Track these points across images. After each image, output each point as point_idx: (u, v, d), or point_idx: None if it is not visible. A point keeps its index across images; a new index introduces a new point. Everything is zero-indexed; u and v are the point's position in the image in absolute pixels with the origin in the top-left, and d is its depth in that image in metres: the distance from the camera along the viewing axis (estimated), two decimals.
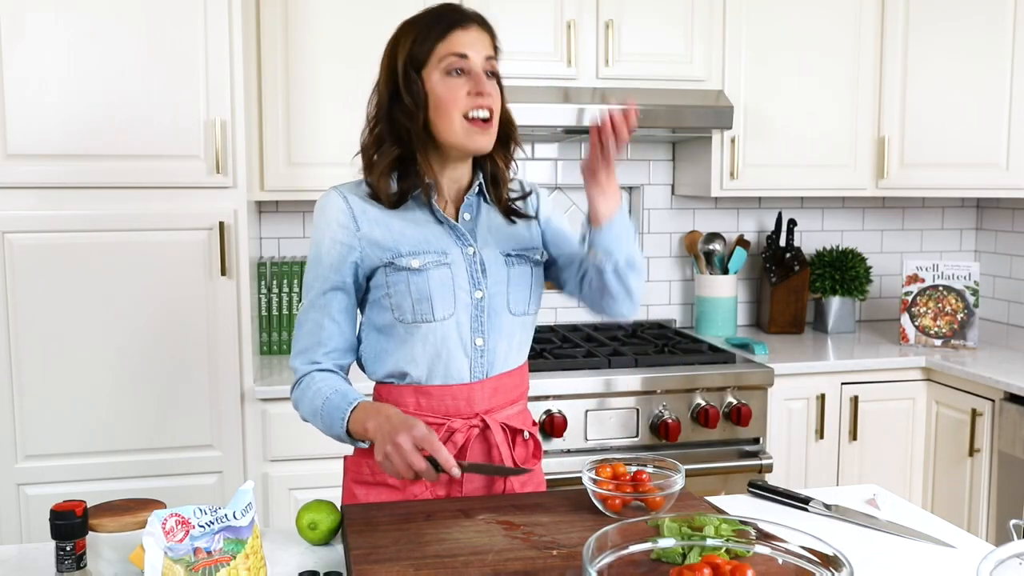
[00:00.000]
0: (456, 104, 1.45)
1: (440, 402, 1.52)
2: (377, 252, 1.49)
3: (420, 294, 1.47)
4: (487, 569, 1.18)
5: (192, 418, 2.41)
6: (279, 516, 2.47)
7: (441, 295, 1.48)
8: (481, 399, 1.53)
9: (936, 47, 2.99)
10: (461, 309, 1.50)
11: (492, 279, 1.53)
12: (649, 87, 2.86)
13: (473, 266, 1.52)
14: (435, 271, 1.48)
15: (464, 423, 1.52)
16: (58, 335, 2.32)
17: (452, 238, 1.52)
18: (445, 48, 1.46)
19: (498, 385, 1.55)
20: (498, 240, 1.57)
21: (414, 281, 1.47)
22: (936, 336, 3.03)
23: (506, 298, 1.54)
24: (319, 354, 1.51)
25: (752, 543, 1.10)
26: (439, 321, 1.48)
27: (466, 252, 1.52)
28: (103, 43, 2.28)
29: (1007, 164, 2.95)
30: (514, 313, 1.55)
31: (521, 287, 1.56)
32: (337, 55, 2.65)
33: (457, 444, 1.51)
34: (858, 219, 3.51)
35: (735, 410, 2.61)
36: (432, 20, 1.49)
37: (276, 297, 2.83)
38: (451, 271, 1.49)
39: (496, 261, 1.54)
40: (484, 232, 1.56)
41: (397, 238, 1.49)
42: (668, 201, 3.34)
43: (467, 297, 1.50)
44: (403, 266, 1.48)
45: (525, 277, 1.57)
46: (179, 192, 2.36)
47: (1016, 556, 0.95)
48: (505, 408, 1.57)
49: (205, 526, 1.06)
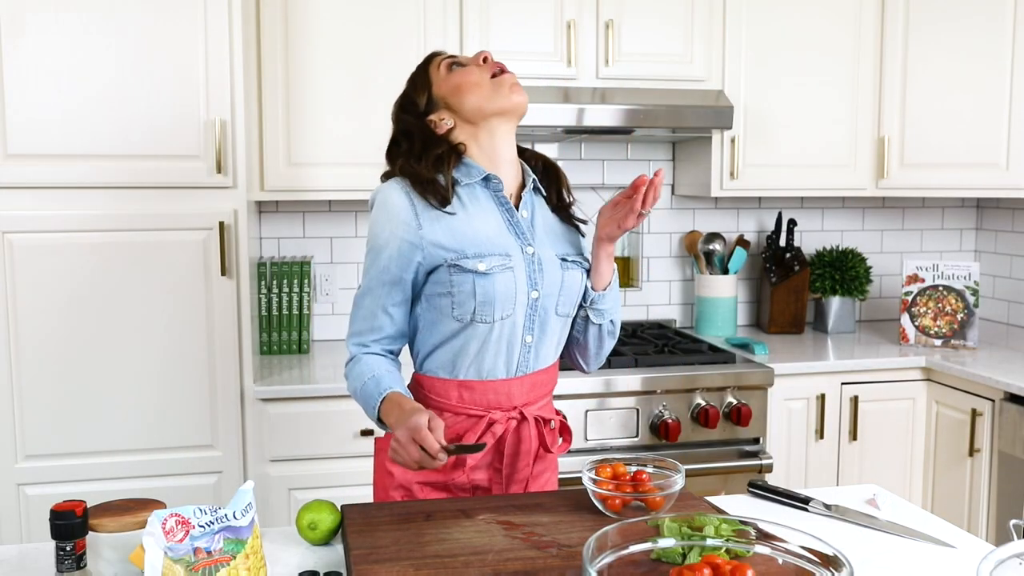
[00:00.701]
0: (471, 74, 1.54)
1: (483, 396, 1.56)
2: (440, 252, 1.50)
3: (485, 297, 1.49)
4: (487, 569, 1.18)
5: (192, 418, 2.41)
6: (279, 516, 2.47)
7: (504, 298, 1.50)
8: (520, 394, 1.58)
9: (936, 47, 2.99)
10: (519, 310, 1.53)
11: (547, 280, 1.56)
12: (649, 87, 2.86)
13: (532, 266, 1.55)
14: (501, 275, 1.50)
15: (504, 415, 1.57)
16: (58, 335, 2.32)
17: (513, 235, 1.55)
18: (438, 61, 1.58)
19: (536, 381, 1.60)
20: (553, 241, 1.60)
21: (480, 283, 1.49)
22: (936, 336, 3.03)
23: (556, 300, 1.57)
24: (369, 339, 1.57)
25: (752, 543, 1.10)
26: (498, 322, 1.52)
27: (526, 251, 1.55)
28: (103, 43, 2.28)
29: (1007, 164, 2.95)
30: (559, 315, 1.59)
31: (571, 291, 1.59)
32: (337, 55, 2.65)
33: (496, 434, 1.56)
34: (858, 219, 3.51)
35: (735, 410, 2.61)
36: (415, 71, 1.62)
37: (276, 297, 2.83)
38: (514, 275, 1.52)
39: (552, 263, 1.57)
40: (540, 231, 1.59)
41: (460, 238, 1.51)
42: (668, 201, 3.34)
43: (525, 298, 1.54)
44: (469, 268, 1.49)
45: (576, 282, 1.60)
46: (179, 192, 2.36)
47: (1016, 556, 0.95)
48: (538, 401, 1.62)
49: (205, 526, 1.06)
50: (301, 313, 2.86)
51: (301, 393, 2.47)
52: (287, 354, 2.86)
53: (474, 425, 1.56)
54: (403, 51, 2.67)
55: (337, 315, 3.07)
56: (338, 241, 3.07)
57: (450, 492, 1.58)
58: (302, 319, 2.86)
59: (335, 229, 3.06)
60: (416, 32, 2.68)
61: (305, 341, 2.87)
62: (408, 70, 1.66)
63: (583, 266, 1.62)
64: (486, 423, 1.55)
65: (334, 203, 3.05)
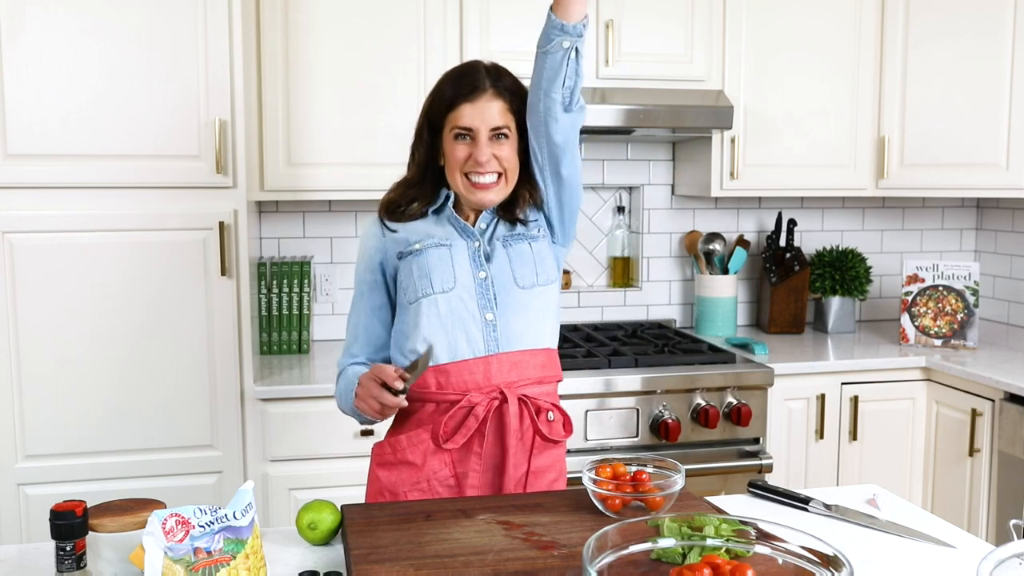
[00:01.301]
0: (456, 165, 1.63)
1: (459, 378, 1.59)
2: (395, 247, 1.67)
3: (420, 271, 1.62)
4: (487, 569, 1.18)
5: (192, 418, 2.41)
6: (279, 516, 2.47)
7: (439, 270, 1.61)
8: (499, 372, 1.60)
9: (936, 47, 2.99)
10: (463, 285, 1.62)
11: (495, 263, 1.65)
12: (649, 87, 2.86)
13: (476, 254, 1.65)
14: (433, 250, 1.63)
15: (484, 396, 1.59)
16: (58, 335, 2.32)
17: (458, 235, 1.67)
18: (452, 119, 1.62)
19: (519, 360, 1.62)
20: (501, 235, 1.69)
21: (415, 261, 1.63)
22: (936, 336, 3.03)
23: (511, 274, 1.64)
24: (355, 348, 1.72)
25: (752, 543, 1.10)
26: (438, 294, 1.61)
27: (471, 244, 1.66)
28: (103, 43, 2.28)
29: (1007, 164, 2.95)
30: (522, 286, 1.64)
31: (523, 262, 1.65)
32: (338, 55, 2.65)
33: (479, 417, 1.58)
34: (858, 219, 3.51)
35: (735, 410, 2.61)
36: (449, 86, 1.64)
37: (276, 297, 2.83)
38: (450, 252, 1.63)
39: (496, 250, 1.67)
40: (492, 236, 1.69)
41: (410, 234, 1.67)
42: (668, 201, 3.34)
43: (469, 277, 1.63)
44: (407, 251, 1.65)
45: (525, 253, 1.66)
46: (179, 192, 2.36)
47: (1016, 556, 0.95)
48: (529, 385, 1.63)
49: (205, 526, 1.06)
50: (301, 313, 2.86)
51: (301, 393, 2.47)
52: (287, 354, 2.86)
53: (454, 410, 1.59)
54: (403, 51, 2.68)
55: (337, 315, 3.07)
56: (338, 241, 3.07)
57: (435, 492, 1.60)
58: (302, 319, 2.86)
59: (335, 229, 3.06)
60: (416, 32, 2.68)
61: (305, 341, 2.87)
62: (408, 70, 1.69)
63: (527, 236, 1.68)
64: (466, 406, 1.58)
65: (334, 203, 3.05)
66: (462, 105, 1.61)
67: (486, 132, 1.61)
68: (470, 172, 1.62)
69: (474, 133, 1.61)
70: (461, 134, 1.62)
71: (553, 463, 1.68)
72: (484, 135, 1.61)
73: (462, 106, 1.61)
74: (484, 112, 1.61)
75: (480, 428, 1.59)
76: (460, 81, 1.63)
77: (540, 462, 1.65)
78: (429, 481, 1.60)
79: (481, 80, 1.62)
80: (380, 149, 2.68)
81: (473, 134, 1.61)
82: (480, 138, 1.61)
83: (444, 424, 1.58)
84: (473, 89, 1.61)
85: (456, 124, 1.62)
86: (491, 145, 1.61)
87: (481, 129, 1.61)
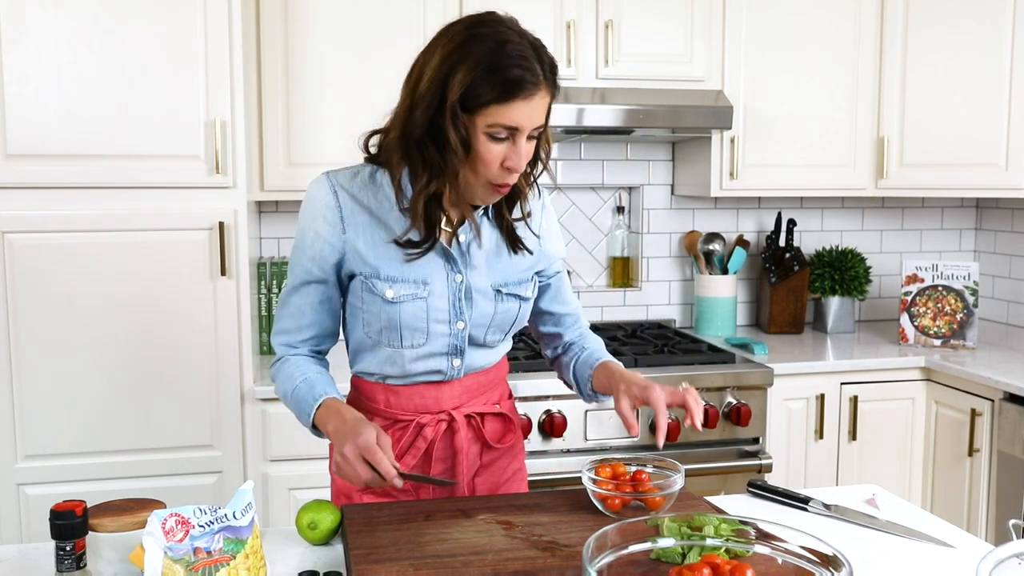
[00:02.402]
0: (489, 169, 1.35)
1: (409, 400, 1.53)
2: (358, 262, 1.45)
3: (390, 323, 1.45)
4: (487, 569, 1.18)
5: (192, 418, 2.41)
6: (279, 516, 2.47)
7: (412, 327, 1.45)
8: (450, 398, 1.54)
9: (936, 47, 2.99)
10: (435, 339, 1.48)
11: (477, 311, 1.49)
12: (649, 87, 2.86)
13: (457, 295, 1.47)
14: (408, 304, 1.44)
15: (432, 418, 1.53)
16: (58, 335, 2.32)
17: (441, 262, 1.46)
18: (500, 115, 1.31)
19: (469, 384, 1.56)
20: (491, 268, 1.50)
21: (386, 310, 1.44)
22: (936, 336, 3.04)
23: (485, 332, 1.52)
24: (297, 339, 1.52)
25: (752, 543, 1.10)
26: (407, 349, 1.48)
27: (452, 279, 1.47)
28: (103, 43, 2.27)
29: (1007, 164, 2.95)
30: (490, 345, 1.55)
31: (503, 323, 1.53)
32: (337, 55, 2.65)
33: (427, 438, 1.53)
34: (858, 219, 3.51)
35: (735, 410, 2.61)
36: (501, 74, 1.29)
37: (276, 297, 2.83)
38: (427, 304, 1.45)
39: (484, 293, 1.49)
40: (479, 256, 1.49)
41: (379, 257, 1.44)
42: (668, 201, 3.34)
43: (444, 328, 1.47)
44: (377, 292, 1.44)
45: (510, 314, 1.53)
46: (179, 192, 2.36)
47: (1016, 556, 0.95)
48: (474, 401, 1.57)
49: (205, 526, 1.06)
50: None
51: None
52: None
53: (403, 430, 1.52)
54: (403, 51, 2.66)
55: None
56: None
57: (391, 497, 1.54)
58: None
59: None
60: (416, 32, 2.68)
61: None
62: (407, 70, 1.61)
63: (521, 297, 1.53)
64: (414, 428, 1.52)
65: None
66: (517, 102, 1.30)
67: (528, 132, 1.35)
68: (499, 178, 1.36)
69: (516, 134, 1.33)
70: (501, 135, 1.33)
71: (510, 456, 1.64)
72: (525, 136, 1.34)
73: (515, 103, 1.30)
74: (533, 112, 1.33)
75: (428, 449, 1.53)
76: (519, 67, 1.30)
77: (493, 454, 1.61)
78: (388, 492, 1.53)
79: (533, 71, 1.31)
80: None
81: (514, 135, 1.33)
82: (520, 140, 1.34)
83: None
84: (534, 82, 1.31)
85: (499, 122, 1.31)
86: (526, 145, 1.36)
87: (526, 130, 1.34)
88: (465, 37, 1.32)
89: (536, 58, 1.32)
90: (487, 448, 1.60)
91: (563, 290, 1.66)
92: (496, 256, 1.51)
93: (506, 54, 1.29)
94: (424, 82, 1.34)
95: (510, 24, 1.35)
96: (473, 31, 1.32)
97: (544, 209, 1.61)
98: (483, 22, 1.34)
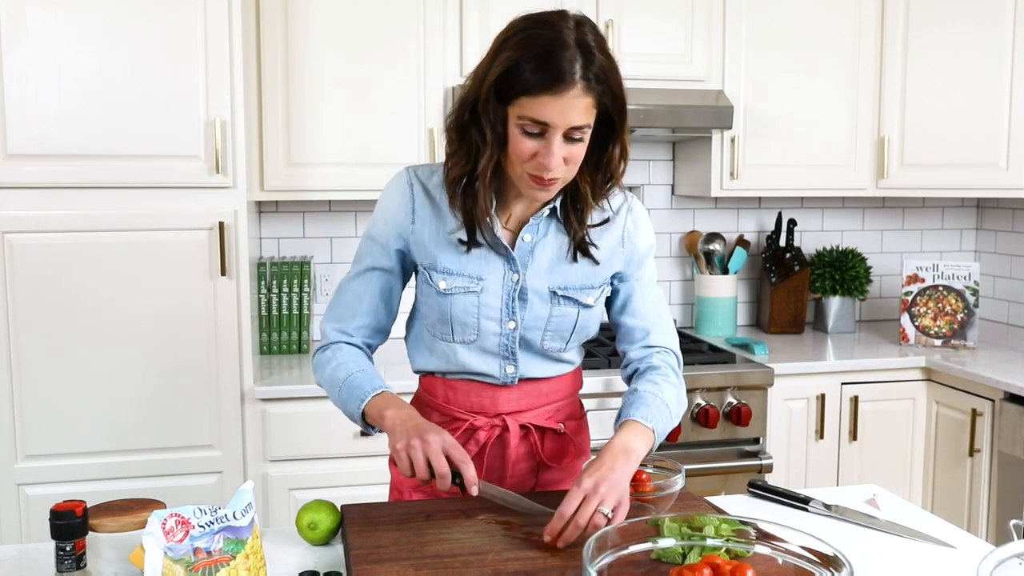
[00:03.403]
0: (520, 159, 1.33)
1: (466, 397, 1.52)
2: (421, 252, 1.47)
3: (442, 315, 1.46)
4: (487, 569, 1.18)
5: (192, 418, 2.41)
6: (279, 516, 2.47)
7: (462, 322, 1.45)
8: (507, 401, 1.51)
9: (936, 47, 2.99)
10: (485, 337, 1.46)
11: (530, 313, 1.46)
12: (649, 87, 2.85)
13: (511, 294, 1.45)
14: (460, 297, 1.44)
15: (487, 422, 1.51)
16: (58, 335, 2.32)
17: (499, 261, 1.45)
18: (529, 108, 1.28)
19: (530, 390, 1.52)
20: (552, 272, 1.47)
21: (439, 301, 1.45)
22: (936, 336, 3.03)
23: (541, 335, 1.48)
24: (351, 327, 1.51)
25: (752, 543, 1.10)
26: (459, 344, 1.48)
27: (509, 278, 1.45)
28: (103, 43, 2.27)
29: (1007, 164, 2.95)
30: (550, 354, 1.51)
31: (560, 328, 1.48)
32: (338, 55, 2.65)
33: (480, 442, 1.51)
34: (858, 219, 3.51)
35: (735, 410, 2.61)
36: (535, 67, 1.27)
37: (276, 297, 2.83)
38: (479, 299, 1.44)
39: (540, 295, 1.46)
40: (541, 259, 1.46)
41: (441, 248, 1.45)
42: (668, 201, 3.34)
43: (495, 326, 1.46)
44: (432, 283, 1.45)
45: (567, 319, 1.48)
46: (179, 192, 2.36)
47: (1016, 556, 0.95)
48: (534, 410, 1.53)
49: (205, 526, 1.06)
50: (301, 313, 2.86)
51: (301, 393, 2.46)
52: (287, 354, 2.86)
53: (456, 429, 1.50)
54: (403, 51, 2.67)
55: None
56: (338, 241, 3.07)
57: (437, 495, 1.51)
58: (302, 319, 2.86)
59: (335, 229, 3.06)
60: (416, 32, 2.68)
61: (305, 341, 2.87)
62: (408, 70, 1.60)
63: (580, 303, 1.48)
64: (467, 429, 1.51)
65: (334, 203, 3.05)
66: (544, 96, 1.27)
67: (562, 131, 1.29)
68: (534, 170, 1.33)
69: (549, 131, 1.29)
70: (532, 129, 1.30)
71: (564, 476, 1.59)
72: (559, 135, 1.29)
73: (542, 97, 1.27)
74: (566, 110, 1.27)
75: (480, 454, 1.50)
76: (544, 65, 1.26)
77: (549, 476, 1.58)
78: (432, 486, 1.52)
79: (569, 69, 1.26)
80: (380, 149, 2.68)
81: (547, 131, 1.29)
82: (553, 138, 1.29)
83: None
84: (564, 78, 1.26)
85: (527, 114, 1.28)
86: (563, 146, 1.30)
87: (558, 127, 1.28)
88: (521, 28, 1.32)
89: (581, 59, 1.28)
90: (544, 467, 1.56)
91: (633, 301, 1.54)
92: (559, 259, 1.48)
93: (547, 49, 1.27)
94: (476, 68, 1.36)
95: (574, 22, 1.31)
96: (529, 26, 1.31)
97: (630, 213, 1.53)
98: (543, 21, 1.32)
